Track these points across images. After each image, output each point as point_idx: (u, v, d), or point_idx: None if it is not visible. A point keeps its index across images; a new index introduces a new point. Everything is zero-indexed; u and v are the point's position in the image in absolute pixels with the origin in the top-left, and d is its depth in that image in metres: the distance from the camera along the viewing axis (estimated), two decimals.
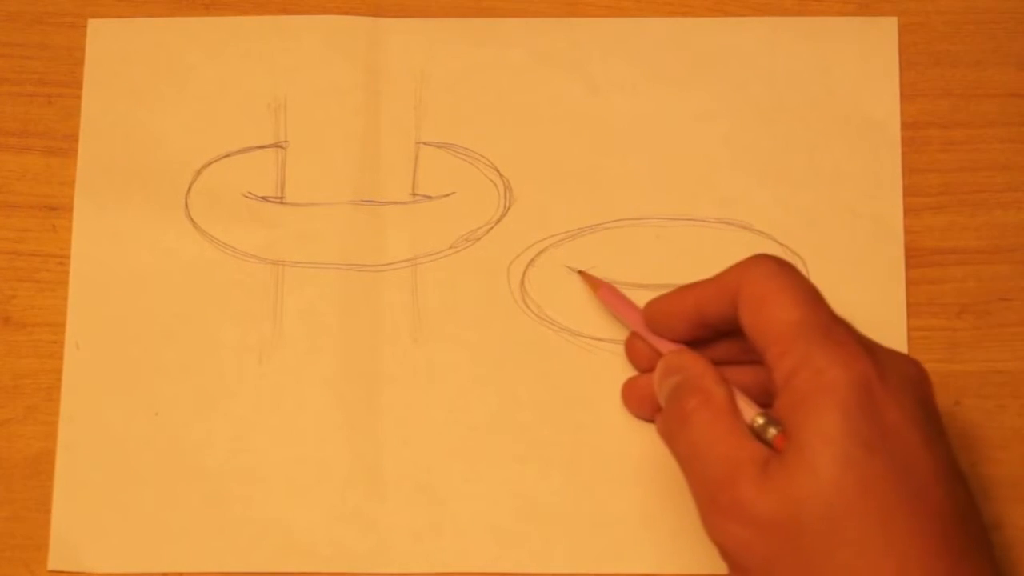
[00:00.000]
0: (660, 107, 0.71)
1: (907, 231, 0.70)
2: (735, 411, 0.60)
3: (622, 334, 0.69)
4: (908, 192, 0.70)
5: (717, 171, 0.70)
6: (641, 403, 0.67)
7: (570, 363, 0.69)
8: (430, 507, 0.67)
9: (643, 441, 0.68)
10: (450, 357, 0.69)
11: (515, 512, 0.67)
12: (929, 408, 0.59)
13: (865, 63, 0.71)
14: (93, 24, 0.73)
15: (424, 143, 0.71)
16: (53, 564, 0.67)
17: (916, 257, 0.70)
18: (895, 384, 0.58)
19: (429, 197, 0.71)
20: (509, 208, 0.71)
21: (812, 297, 0.60)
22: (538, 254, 0.70)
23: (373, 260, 0.70)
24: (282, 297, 0.70)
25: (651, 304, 0.66)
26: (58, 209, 0.71)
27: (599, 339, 0.69)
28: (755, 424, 0.60)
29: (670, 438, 0.62)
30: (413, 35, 0.72)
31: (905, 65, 0.72)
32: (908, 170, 0.70)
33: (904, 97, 0.71)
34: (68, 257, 0.70)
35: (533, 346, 0.69)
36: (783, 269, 0.61)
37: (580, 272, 0.69)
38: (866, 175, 0.70)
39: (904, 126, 0.71)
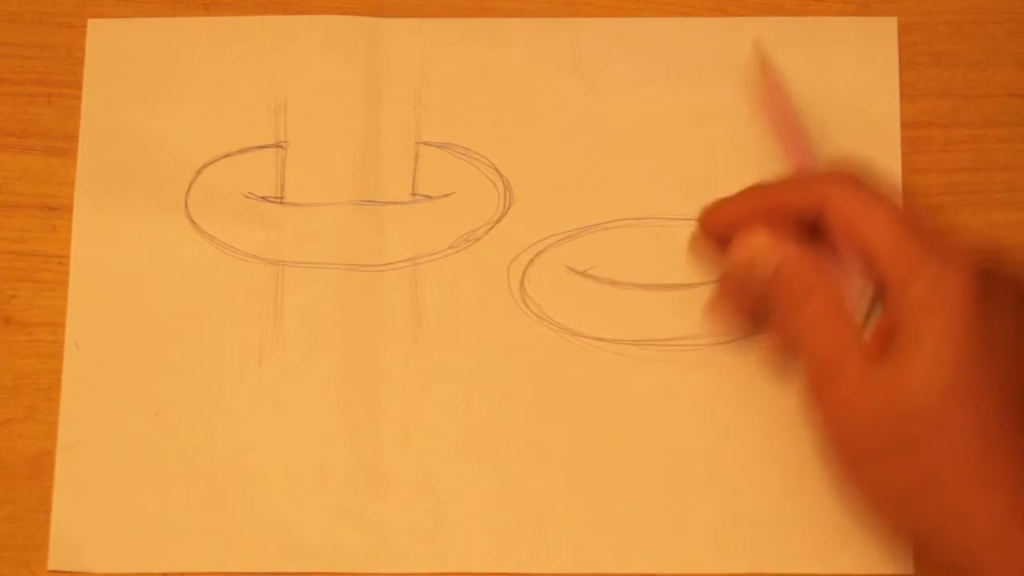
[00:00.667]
0: (660, 107, 0.71)
1: None
2: (843, 299, 0.63)
3: (622, 334, 0.69)
4: (908, 192, 0.70)
5: (717, 171, 0.70)
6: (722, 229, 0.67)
7: (570, 363, 0.69)
8: (430, 507, 0.67)
9: (643, 441, 0.68)
10: (450, 357, 0.69)
11: (515, 512, 0.67)
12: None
13: (865, 63, 0.71)
14: (93, 24, 0.73)
15: (424, 143, 0.71)
16: (53, 564, 0.67)
17: None
18: (1006, 296, 0.61)
19: (429, 197, 0.71)
20: (509, 208, 0.71)
21: (911, 208, 0.63)
22: (538, 254, 0.70)
23: (373, 260, 0.70)
24: (282, 297, 0.70)
25: (720, 203, 0.67)
26: (58, 209, 0.71)
27: (599, 339, 0.69)
28: (857, 309, 0.63)
29: (783, 323, 0.64)
30: (413, 35, 0.72)
31: (905, 65, 0.72)
32: (908, 170, 0.70)
33: (904, 97, 0.71)
34: (68, 257, 0.70)
35: (533, 346, 0.69)
36: (872, 182, 0.63)
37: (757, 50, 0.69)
38: None
39: (904, 126, 0.71)
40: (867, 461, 0.61)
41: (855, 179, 0.64)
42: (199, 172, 0.71)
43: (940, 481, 0.59)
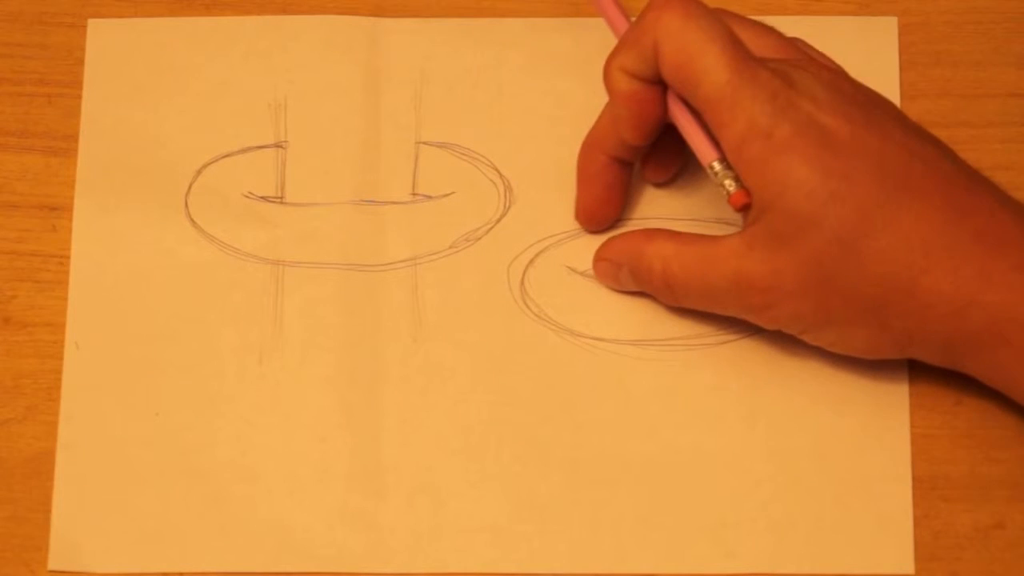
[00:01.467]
0: None
1: None
2: (691, 240, 0.65)
3: (622, 334, 0.69)
4: None
5: None
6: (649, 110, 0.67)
7: (570, 363, 0.69)
8: (430, 507, 0.67)
9: (643, 441, 0.68)
10: (450, 357, 0.69)
11: (515, 512, 0.67)
12: (855, 94, 0.64)
13: (865, 63, 0.71)
14: (93, 24, 0.73)
15: (424, 143, 0.71)
16: (53, 564, 0.67)
17: None
18: (825, 97, 0.63)
19: (429, 197, 0.71)
20: (509, 208, 0.71)
21: (730, 43, 0.63)
22: (538, 254, 0.70)
23: (373, 260, 0.70)
24: (282, 297, 0.70)
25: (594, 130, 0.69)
26: (58, 209, 0.71)
27: (599, 339, 0.69)
28: (712, 167, 0.64)
29: (676, 305, 0.67)
30: (413, 35, 0.72)
31: (905, 65, 0.72)
32: None
33: (904, 97, 0.71)
34: (68, 257, 0.70)
35: (533, 346, 0.69)
36: (690, 12, 0.63)
37: None
38: None
39: None
40: (824, 312, 0.63)
41: (679, 12, 0.64)
42: (199, 172, 0.71)
43: (889, 273, 0.62)
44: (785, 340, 0.67)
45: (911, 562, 0.66)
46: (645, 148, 0.68)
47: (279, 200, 0.71)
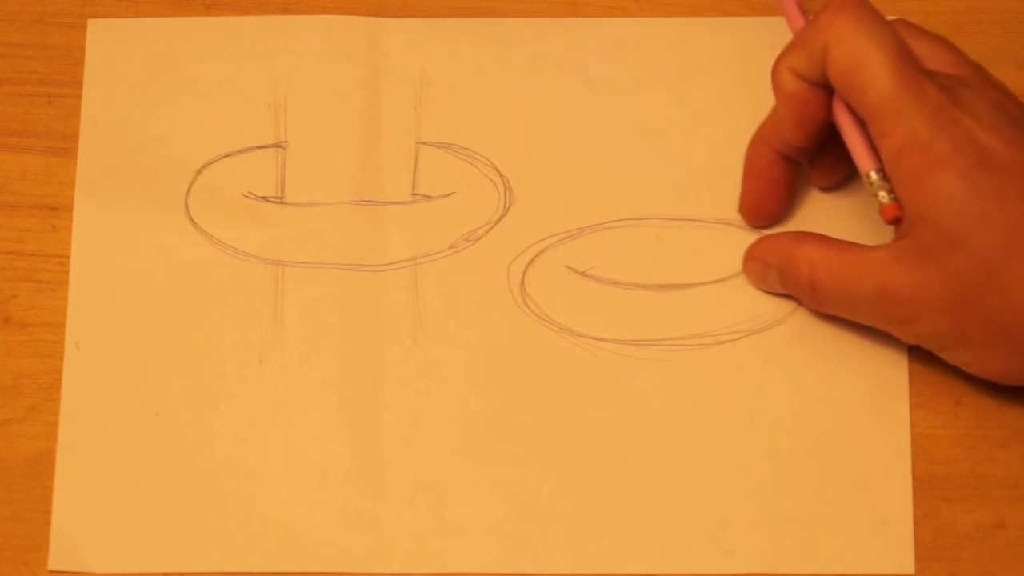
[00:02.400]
0: (660, 107, 0.71)
1: None
2: (846, 248, 0.65)
3: (622, 334, 0.69)
4: None
5: (717, 171, 0.70)
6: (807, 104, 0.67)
7: (570, 363, 0.69)
8: (431, 507, 0.67)
9: (643, 441, 0.68)
10: (450, 357, 0.69)
11: (515, 512, 0.67)
12: (1018, 116, 0.63)
13: None
14: (93, 24, 0.73)
15: (424, 143, 0.71)
16: (53, 564, 0.67)
17: None
18: (990, 117, 0.62)
19: (429, 197, 0.71)
20: (509, 208, 0.71)
21: (899, 53, 0.63)
22: (538, 254, 0.70)
23: (373, 260, 0.70)
24: (282, 297, 0.70)
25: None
26: (58, 209, 0.71)
27: (599, 339, 0.69)
28: (869, 176, 0.64)
29: (820, 309, 0.67)
30: (413, 35, 0.72)
31: None
32: None
33: None
34: (68, 257, 0.70)
35: (533, 346, 0.69)
36: (864, 18, 0.63)
37: None
38: None
39: None
40: (970, 328, 0.63)
41: (852, 16, 0.63)
42: (199, 172, 0.71)
43: None
44: (784, 340, 0.67)
45: (911, 562, 0.66)
46: (811, 149, 0.68)
47: (279, 200, 0.71)
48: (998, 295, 0.62)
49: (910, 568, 0.66)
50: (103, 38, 0.72)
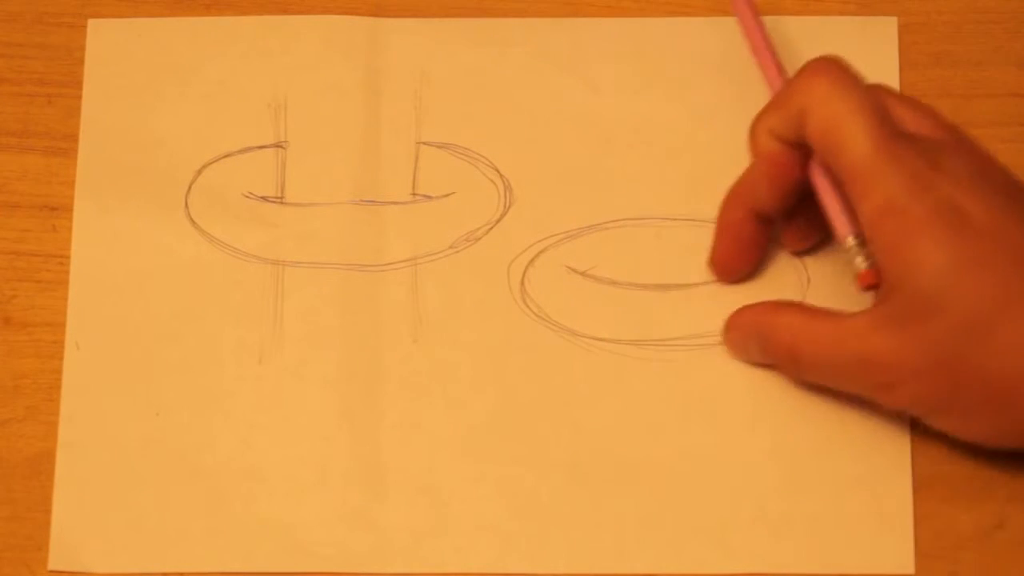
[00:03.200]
0: (660, 107, 0.71)
1: None
2: (826, 315, 0.64)
3: (622, 334, 0.69)
4: None
5: (717, 171, 0.70)
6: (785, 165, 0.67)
7: (570, 363, 0.69)
8: (430, 507, 0.67)
9: (643, 441, 0.68)
10: (450, 357, 0.69)
11: (515, 512, 0.67)
12: (998, 180, 0.63)
13: (865, 63, 0.71)
14: (93, 24, 0.73)
15: (424, 143, 0.71)
16: (53, 564, 0.67)
17: None
18: (968, 182, 0.62)
19: (429, 197, 0.71)
20: (509, 208, 0.71)
21: (877, 116, 0.63)
22: (538, 254, 0.70)
23: (373, 260, 0.70)
24: (282, 297, 0.70)
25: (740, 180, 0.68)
26: (58, 209, 0.71)
27: (599, 339, 0.69)
28: (847, 243, 0.64)
29: (800, 379, 0.66)
30: (413, 35, 0.72)
31: (905, 65, 0.72)
32: None
33: None
34: (68, 257, 0.70)
35: (533, 346, 0.69)
36: (842, 81, 0.63)
37: None
38: None
39: None
40: (954, 398, 0.62)
41: (830, 76, 0.63)
42: (199, 172, 0.71)
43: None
44: None
45: (911, 562, 0.66)
46: (784, 209, 0.67)
47: (279, 200, 0.71)
48: (978, 360, 0.61)
49: (910, 568, 0.66)
50: (103, 38, 0.72)
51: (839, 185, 0.64)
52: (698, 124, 0.71)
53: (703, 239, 0.70)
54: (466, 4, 0.73)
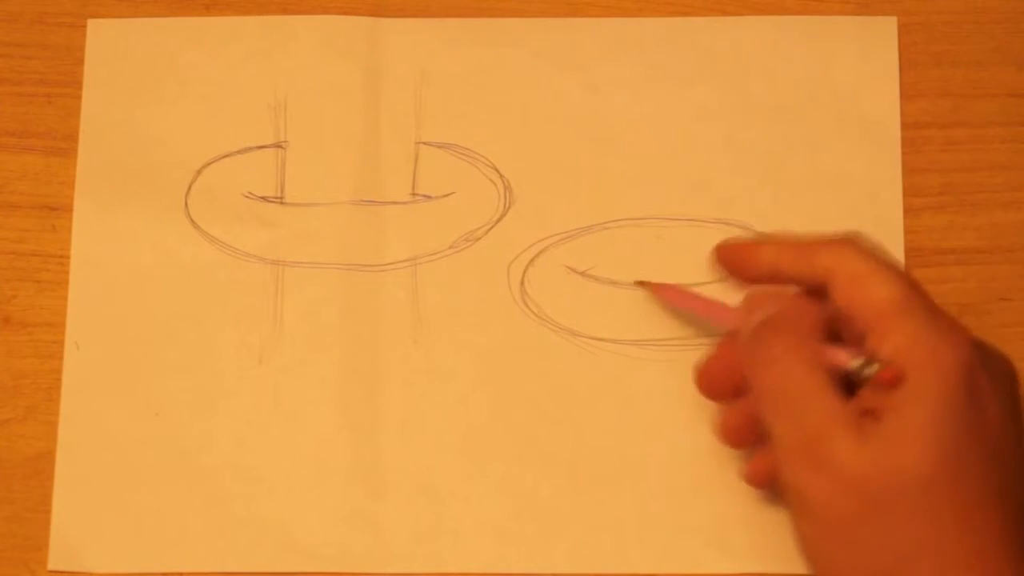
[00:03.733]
0: (660, 107, 0.71)
1: (907, 231, 0.70)
2: (827, 359, 0.61)
3: (622, 334, 0.69)
4: (908, 192, 0.70)
5: (717, 171, 0.70)
6: (719, 381, 0.65)
7: (570, 363, 0.69)
8: (430, 507, 0.67)
9: (643, 441, 0.68)
10: (450, 357, 0.69)
11: (515, 512, 0.67)
12: (1019, 404, 0.61)
13: (865, 63, 0.71)
14: (93, 24, 0.73)
15: (424, 143, 0.71)
16: (53, 564, 0.67)
17: (916, 257, 0.70)
18: (995, 376, 0.60)
19: (429, 197, 0.71)
20: (509, 208, 0.71)
21: (912, 280, 0.61)
22: (538, 254, 0.70)
23: (373, 260, 0.70)
24: (282, 297, 0.70)
25: (726, 245, 0.66)
26: (58, 209, 0.71)
27: (599, 339, 0.69)
28: (850, 366, 0.60)
29: (756, 377, 0.62)
30: (413, 35, 0.72)
31: (905, 65, 0.72)
32: (908, 170, 0.70)
33: (904, 97, 0.71)
34: (68, 257, 0.70)
35: (533, 346, 0.69)
36: (876, 251, 0.62)
37: (640, 283, 0.69)
38: (866, 175, 0.70)
39: (904, 126, 0.71)
40: (845, 539, 0.59)
41: (857, 245, 0.62)
42: (199, 172, 0.71)
43: (918, 561, 0.58)
44: None
45: None
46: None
47: (279, 200, 0.71)
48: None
49: None
50: (103, 38, 0.72)
51: (857, 338, 0.61)
52: (698, 124, 0.71)
53: (703, 239, 0.70)
54: (466, 4, 0.73)
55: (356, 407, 0.68)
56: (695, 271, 0.70)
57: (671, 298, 0.68)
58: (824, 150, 0.71)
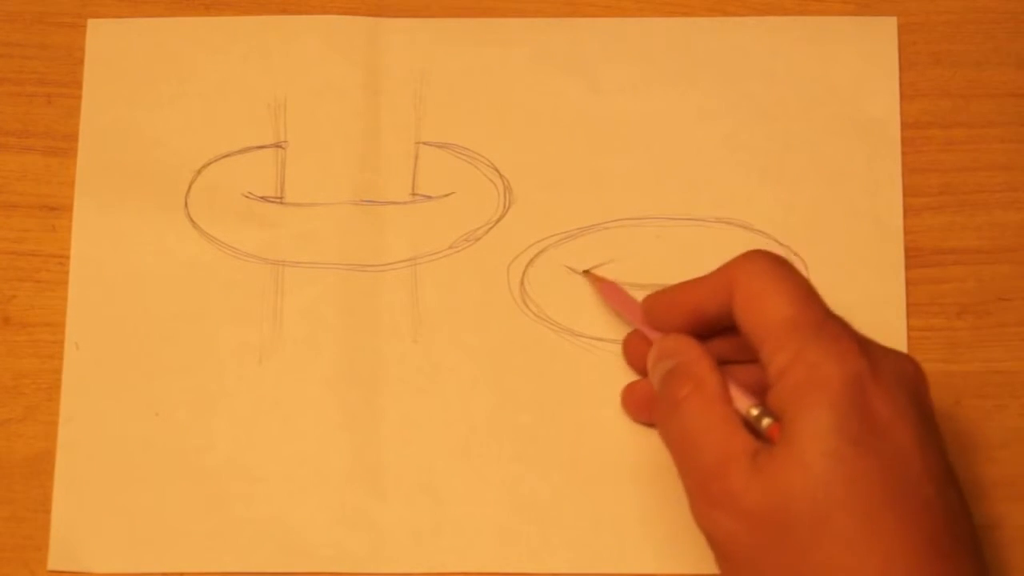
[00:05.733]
0: (660, 107, 0.71)
1: (907, 231, 0.70)
2: (728, 400, 0.61)
3: (622, 334, 0.69)
4: (908, 192, 0.70)
5: (717, 171, 0.71)
6: (641, 407, 0.67)
7: (570, 363, 0.69)
8: (430, 507, 0.67)
9: (643, 441, 0.68)
10: (450, 357, 0.69)
11: (515, 512, 0.67)
12: (923, 406, 0.59)
13: (865, 63, 0.71)
14: (93, 24, 0.73)
15: (424, 143, 0.71)
16: (53, 564, 0.67)
17: (916, 257, 0.70)
18: (889, 381, 0.58)
19: (429, 197, 0.71)
20: (509, 208, 0.71)
21: (806, 293, 0.60)
22: (538, 254, 0.70)
23: (373, 260, 0.70)
24: (282, 297, 0.70)
25: (649, 299, 0.66)
26: (58, 209, 0.71)
27: (599, 339, 0.69)
28: (750, 415, 0.60)
29: (662, 423, 0.62)
30: (413, 35, 0.72)
31: (905, 65, 0.72)
32: (908, 170, 0.70)
33: (904, 97, 0.71)
34: (68, 257, 0.70)
35: (533, 346, 0.69)
36: (777, 265, 0.61)
37: (584, 272, 0.69)
38: (866, 175, 0.70)
39: (904, 126, 0.71)
40: (754, 572, 0.59)
41: (757, 262, 0.61)
42: (199, 172, 0.71)
43: None
44: None
45: None
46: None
47: (279, 200, 0.71)
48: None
49: None
50: (103, 38, 0.72)
51: (752, 351, 0.61)
52: (698, 124, 0.71)
53: (703, 239, 0.70)
54: (466, 4, 0.73)
55: (356, 407, 0.68)
56: (695, 271, 0.69)
57: (606, 295, 0.69)
58: (824, 150, 0.71)
